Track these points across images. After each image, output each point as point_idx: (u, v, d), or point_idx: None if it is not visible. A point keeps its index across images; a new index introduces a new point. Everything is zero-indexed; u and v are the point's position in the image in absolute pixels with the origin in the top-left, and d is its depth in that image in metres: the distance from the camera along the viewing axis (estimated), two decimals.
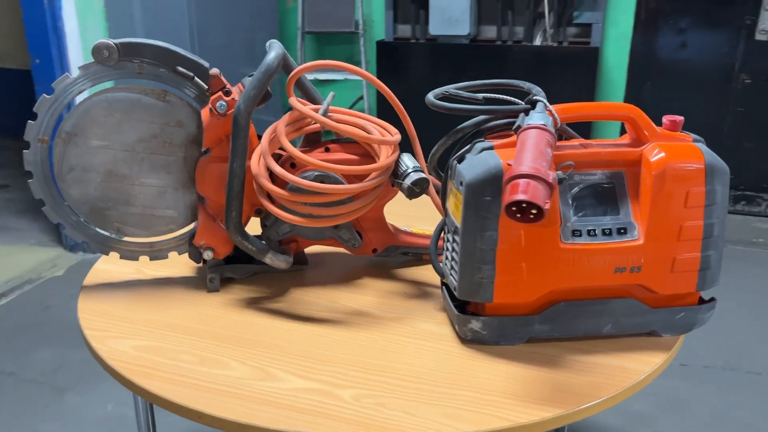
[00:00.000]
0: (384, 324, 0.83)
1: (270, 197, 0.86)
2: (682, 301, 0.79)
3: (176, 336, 0.79)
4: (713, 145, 0.76)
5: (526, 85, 0.82)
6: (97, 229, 0.91)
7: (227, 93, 0.86)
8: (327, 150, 0.91)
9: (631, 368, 0.73)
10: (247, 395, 0.68)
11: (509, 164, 0.71)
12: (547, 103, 0.75)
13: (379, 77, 3.41)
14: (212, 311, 0.86)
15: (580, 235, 0.75)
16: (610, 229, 0.75)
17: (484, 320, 0.77)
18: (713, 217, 0.75)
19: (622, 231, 0.75)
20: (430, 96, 0.82)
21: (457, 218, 0.76)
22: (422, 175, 0.85)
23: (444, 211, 0.83)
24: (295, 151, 0.83)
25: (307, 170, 0.86)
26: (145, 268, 0.96)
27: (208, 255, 0.90)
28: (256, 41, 3.12)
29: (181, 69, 0.85)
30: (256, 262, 0.93)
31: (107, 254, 0.92)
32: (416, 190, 0.85)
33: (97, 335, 0.79)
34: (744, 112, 3.04)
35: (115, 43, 0.83)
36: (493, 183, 0.71)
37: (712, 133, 3.00)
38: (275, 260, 0.88)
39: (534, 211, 0.64)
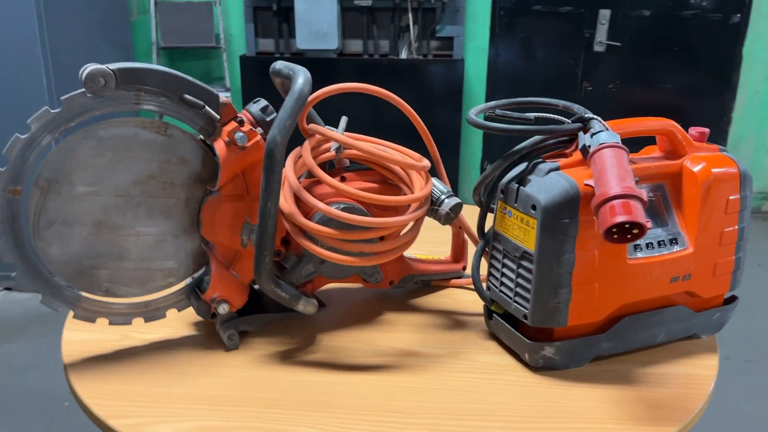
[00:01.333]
0: (441, 362, 0.77)
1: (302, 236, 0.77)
2: (716, 302, 0.84)
3: (225, 410, 0.67)
4: None
5: (561, 102, 0.81)
6: (82, 293, 0.75)
7: (241, 123, 0.76)
8: (343, 179, 0.83)
9: (698, 374, 0.76)
10: None
11: (587, 185, 0.70)
12: (602, 120, 0.75)
13: (243, 93, 3.29)
14: (246, 373, 0.74)
15: (641, 249, 0.76)
16: (663, 241, 0.77)
17: (557, 346, 0.74)
18: (744, 221, 0.80)
19: (674, 241, 0.77)
20: (473, 116, 0.78)
21: (525, 243, 0.73)
22: (457, 199, 0.81)
23: (492, 236, 0.79)
24: (339, 184, 0.75)
25: (333, 202, 0.78)
26: (132, 332, 0.81)
27: (223, 309, 0.78)
28: (108, 57, 2.83)
29: (188, 97, 0.73)
30: (273, 310, 0.83)
31: (94, 321, 0.76)
32: (452, 215, 0.81)
33: (130, 424, 0.64)
34: None
35: (112, 70, 0.68)
36: (570, 205, 0.70)
37: None
38: (308, 306, 0.79)
39: (635, 231, 0.64)
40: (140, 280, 0.77)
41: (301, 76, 0.74)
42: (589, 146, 0.72)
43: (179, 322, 0.84)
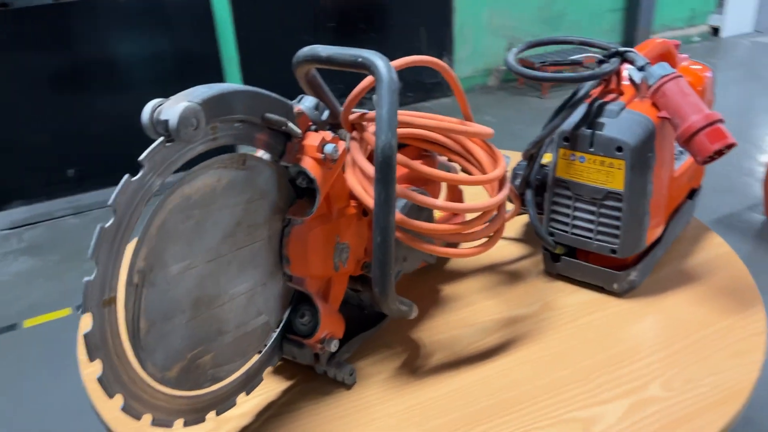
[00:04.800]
0: (545, 317, 0.79)
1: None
2: (695, 188, 0.98)
3: None
4: None
5: (577, 38, 0.83)
6: (188, 394, 0.58)
7: (317, 131, 0.63)
8: None
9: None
10: None
11: (660, 117, 0.75)
12: (634, 50, 0.78)
13: None
14: (396, 405, 0.66)
15: (677, 160, 0.85)
16: (681, 151, 0.87)
17: (639, 268, 0.81)
18: None
19: (683, 152, 0.88)
20: (516, 65, 0.75)
21: (609, 184, 0.76)
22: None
23: (552, 184, 0.80)
24: (456, 176, 0.68)
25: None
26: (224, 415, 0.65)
27: (334, 346, 0.68)
28: None
29: (271, 116, 0.57)
30: (354, 326, 0.74)
31: (203, 420, 0.60)
32: None
33: None
34: None
35: (199, 103, 0.50)
36: (651, 140, 0.74)
37: None
38: (414, 310, 0.72)
39: (725, 149, 0.71)
40: (240, 351, 0.62)
41: (379, 60, 0.63)
42: (645, 80, 0.76)
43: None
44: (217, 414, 0.61)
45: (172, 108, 0.49)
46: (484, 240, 0.73)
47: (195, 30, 2.75)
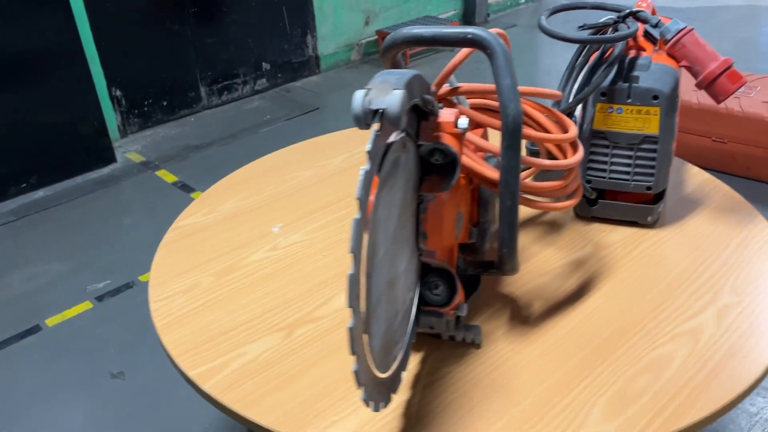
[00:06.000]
0: (603, 257, 0.88)
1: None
2: None
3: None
4: None
5: (590, 2, 0.91)
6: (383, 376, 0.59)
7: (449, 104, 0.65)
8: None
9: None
10: None
11: (683, 66, 0.86)
12: (648, 12, 0.89)
13: None
14: (537, 355, 0.72)
15: None
16: None
17: (664, 199, 0.93)
18: None
19: None
20: (553, 29, 0.82)
21: (646, 129, 0.86)
22: None
23: (590, 136, 0.89)
24: (547, 135, 0.73)
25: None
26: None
27: (465, 310, 0.71)
28: None
29: (428, 97, 0.59)
30: (468, 291, 0.78)
31: (389, 402, 0.61)
32: None
33: None
34: None
35: (405, 90, 0.50)
36: (677, 86, 0.85)
37: None
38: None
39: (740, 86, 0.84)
40: (403, 329, 0.64)
41: (488, 35, 0.66)
42: (663, 35, 0.86)
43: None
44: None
45: (384, 97, 0.50)
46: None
47: (49, 22, 2.49)
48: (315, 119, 3.22)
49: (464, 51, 0.71)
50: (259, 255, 0.92)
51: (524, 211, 0.99)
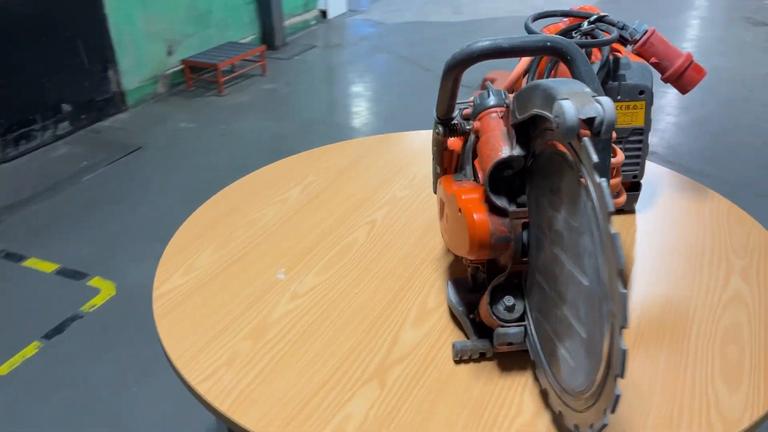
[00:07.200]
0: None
1: None
2: None
3: None
4: None
5: (560, 10, 0.96)
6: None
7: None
8: None
9: None
10: None
11: (653, 62, 0.95)
12: (607, 14, 0.96)
13: None
14: None
15: None
16: None
17: (641, 186, 1.01)
18: None
19: None
20: (560, 37, 0.85)
21: (634, 122, 0.93)
22: None
23: None
24: None
25: None
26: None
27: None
28: None
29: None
30: None
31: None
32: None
33: None
34: None
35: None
36: (652, 80, 0.93)
37: None
38: None
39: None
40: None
41: (565, 41, 0.67)
42: (632, 35, 0.94)
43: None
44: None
45: (592, 105, 0.48)
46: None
47: None
48: (142, 159, 2.95)
49: (524, 61, 0.70)
50: (282, 308, 0.82)
51: None
